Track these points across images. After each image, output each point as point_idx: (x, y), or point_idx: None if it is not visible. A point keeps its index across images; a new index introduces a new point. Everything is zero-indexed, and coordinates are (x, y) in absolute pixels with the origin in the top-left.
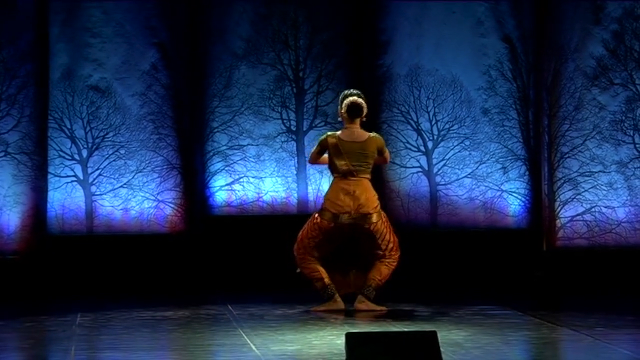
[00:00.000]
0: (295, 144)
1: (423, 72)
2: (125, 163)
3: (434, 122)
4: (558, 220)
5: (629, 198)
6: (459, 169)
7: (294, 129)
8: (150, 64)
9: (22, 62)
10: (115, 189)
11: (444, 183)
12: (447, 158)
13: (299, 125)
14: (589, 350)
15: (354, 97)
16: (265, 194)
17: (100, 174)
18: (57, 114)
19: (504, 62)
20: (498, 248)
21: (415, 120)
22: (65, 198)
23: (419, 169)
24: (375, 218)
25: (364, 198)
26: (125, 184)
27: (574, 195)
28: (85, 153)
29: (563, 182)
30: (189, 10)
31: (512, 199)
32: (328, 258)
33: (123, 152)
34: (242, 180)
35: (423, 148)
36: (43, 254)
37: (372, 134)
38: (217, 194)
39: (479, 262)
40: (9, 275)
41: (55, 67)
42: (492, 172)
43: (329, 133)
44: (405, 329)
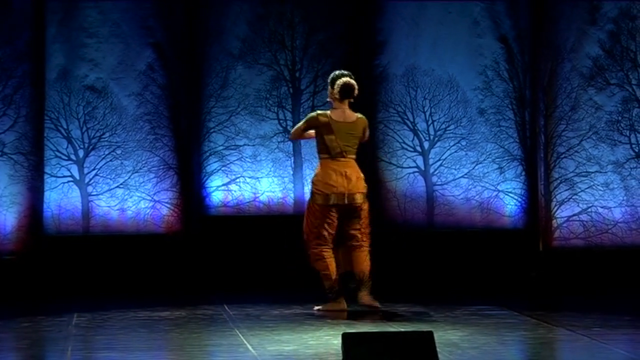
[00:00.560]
0: (292, 144)
1: (419, 72)
2: (122, 163)
3: (431, 122)
4: (554, 221)
5: (625, 198)
6: (456, 169)
7: (291, 129)
8: (147, 64)
9: (18, 62)
10: (112, 189)
11: (441, 183)
12: (443, 158)
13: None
14: (586, 351)
15: (347, 77)
16: (262, 194)
17: (97, 174)
18: (53, 114)
19: (501, 62)
20: (494, 248)
21: (412, 121)
22: (62, 198)
23: (416, 169)
24: (363, 198)
25: (355, 178)
26: (122, 184)
27: (571, 196)
28: (82, 153)
29: (559, 182)
30: (186, 11)
31: (508, 199)
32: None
33: (119, 152)
34: (238, 181)
35: (419, 148)
36: (39, 254)
37: (359, 115)
38: (213, 194)
39: (476, 262)
40: (6, 276)
41: (52, 67)
42: (488, 172)
43: (319, 112)
44: (402, 329)
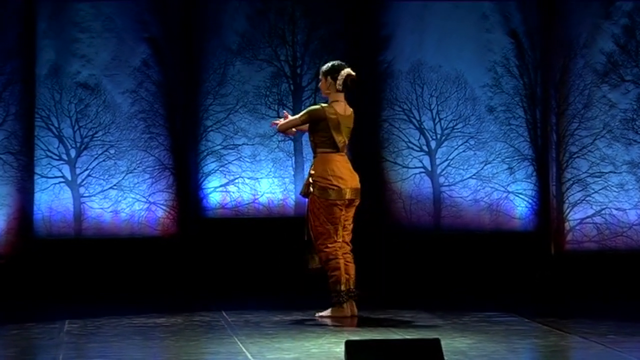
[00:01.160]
0: (293, 144)
1: (426, 68)
2: (115, 163)
3: (437, 120)
4: (567, 223)
5: None
6: (464, 170)
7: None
8: (142, 60)
9: (7, 58)
10: (105, 191)
11: (448, 184)
12: (451, 158)
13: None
14: (600, 359)
15: (348, 68)
16: (262, 196)
17: (89, 175)
18: (44, 112)
19: (510, 58)
20: (504, 252)
21: (418, 119)
22: (53, 200)
23: (422, 170)
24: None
25: (355, 173)
26: (115, 185)
27: (584, 197)
28: (74, 153)
29: (572, 183)
30: (182, 4)
31: (518, 201)
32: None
33: (113, 152)
34: (237, 181)
35: (426, 148)
36: (29, 258)
37: (350, 108)
38: (211, 196)
39: (484, 266)
40: None
41: (42, 63)
42: (497, 172)
43: (323, 104)
44: (407, 336)
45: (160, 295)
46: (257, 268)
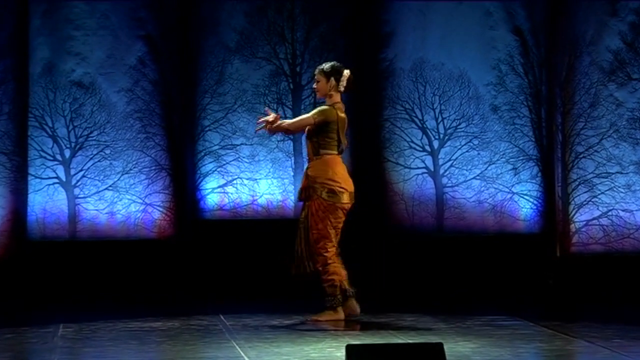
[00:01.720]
0: (292, 144)
1: (428, 66)
2: (111, 164)
3: (440, 120)
4: (572, 225)
5: None
6: (467, 170)
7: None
8: (137, 58)
9: (0, 56)
10: (100, 192)
11: (451, 185)
12: (454, 158)
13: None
14: None
15: (348, 70)
16: (260, 197)
17: (84, 176)
18: (37, 112)
19: (515, 56)
20: (508, 254)
21: (420, 118)
22: (47, 201)
23: (424, 170)
24: None
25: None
26: (111, 186)
27: (590, 198)
28: (68, 153)
29: (578, 183)
30: (179, 1)
31: (523, 202)
32: None
33: (108, 152)
34: (235, 182)
35: (428, 148)
36: (23, 261)
37: None
38: (208, 197)
39: (488, 269)
40: None
41: (36, 61)
42: (502, 173)
43: (330, 106)
44: (410, 341)
45: (157, 299)
46: (255, 271)
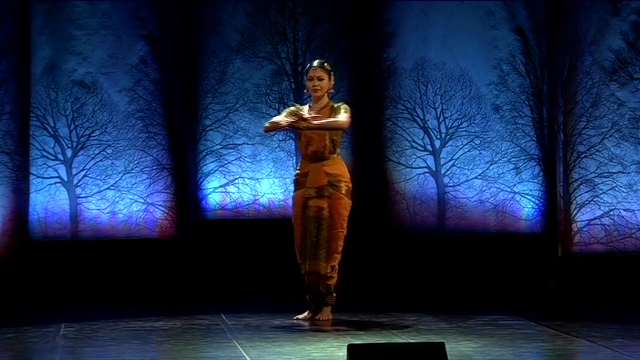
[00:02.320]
0: (294, 143)
1: (430, 66)
2: (113, 164)
3: (442, 119)
4: (574, 225)
5: None
6: (469, 170)
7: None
8: (139, 58)
9: (2, 56)
10: (102, 191)
11: (453, 185)
12: (456, 158)
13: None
14: None
15: None
16: (262, 197)
17: (86, 176)
18: (39, 112)
19: (517, 55)
20: (510, 254)
21: (422, 118)
22: (49, 201)
23: (426, 170)
24: None
25: None
26: (113, 186)
27: (592, 198)
28: (70, 153)
29: (580, 183)
30: (181, 1)
31: (525, 202)
32: None
33: (110, 152)
34: (237, 182)
35: (430, 147)
36: (25, 261)
37: None
38: (210, 197)
39: (490, 269)
40: None
41: (38, 61)
42: (504, 173)
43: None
44: (411, 341)
45: (159, 299)
46: (257, 270)
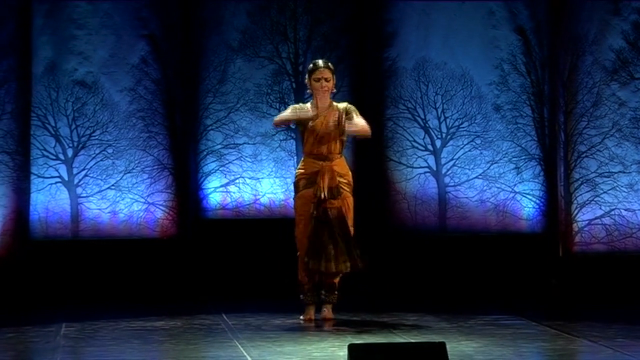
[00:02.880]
0: (295, 143)
1: (431, 65)
2: (113, 163)
3: (443, 119)
4: (575, 224)
5: None
6: (470, 170)
7: (293, 127)
8: (140, 57)
9: (3, 55)
10: (103, 191)
11: (454, 184)
12: (456, 158)
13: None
14: None
15: None
16: (263, 196)
17: (87, 175)
18: (40, 111)
19: (517, 55)
20: (511, 253)
21: (423, 117)
22: (49, 200)
23: (427, 170)
24: None
25: None
26: (113, 186)
27: (592, 197)
28: (71, 152)
29: (580, 183)
30: (182, 0)
31: (526, 201)
32: None
33: (111, 151)
34: (237, 182)
35: (431, 147)
36: (25, 260)
37: None
38: (211, 196)
39: (491, 268)
40: None
41: (39, 60)
42: (504, 172)
43: None
44: (412, 340)
45: (159, 298)
46: (258, 270)
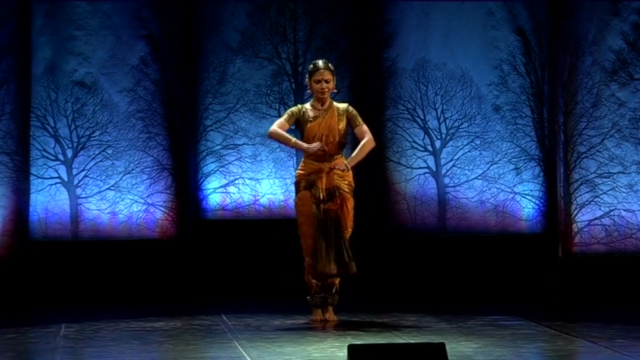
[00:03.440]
0: None
1: (430, 66)
2: (113, 164)
3: (442, 119)
4: (574, 225)
5: None
6: (469, 170)
7: (293, 127)
8: (139, 58)
9: (2, 55)
10: (102, 192)
11: (453, 185)
12: (456, 158)
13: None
14: None
15: None
16: (262, 197)
17: (86, 176)
18: (40, 112)
19: (517, 55)
20: (510, 254)
21: (422, 118)
22: (49, 201)
23: (426, 170)
24: None
25: None
26: (113, 186)
27: (592, 198)
28: (70, 153)
29: (580, 183)
30: (181, 1)
31: (525, 202)
32: None
33: (110, 152)
34: (237, 182)
35: (430, 147)
36: (25, 261)
37: None
38: (210, 197)
39: (490, 269)
40: None
41: (38, 61)
42: (504, 173)
43: None
44: (412, 341)
45: (159, 299)
46: (257, 271)
